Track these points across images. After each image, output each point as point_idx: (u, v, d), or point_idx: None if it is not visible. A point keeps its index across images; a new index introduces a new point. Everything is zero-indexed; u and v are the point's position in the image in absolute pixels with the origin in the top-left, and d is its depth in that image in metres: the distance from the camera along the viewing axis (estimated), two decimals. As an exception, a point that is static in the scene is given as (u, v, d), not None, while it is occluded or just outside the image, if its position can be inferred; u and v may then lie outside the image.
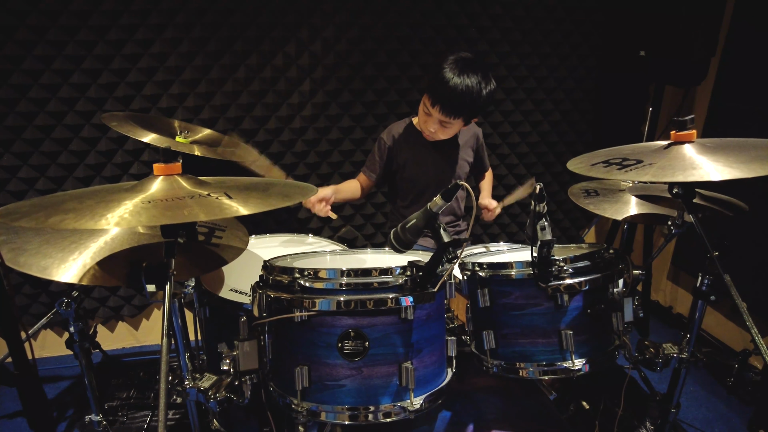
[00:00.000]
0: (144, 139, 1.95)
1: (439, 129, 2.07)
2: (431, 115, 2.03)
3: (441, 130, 2.08)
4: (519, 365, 1.43)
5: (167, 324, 1.08)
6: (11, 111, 2.28)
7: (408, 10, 2.57)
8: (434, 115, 2.02)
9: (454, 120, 2.02)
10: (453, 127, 2.09)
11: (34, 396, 1.83)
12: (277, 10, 2.43)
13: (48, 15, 2.20)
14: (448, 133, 2.12)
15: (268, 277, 1.37)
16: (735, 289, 1.25)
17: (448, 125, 2.06)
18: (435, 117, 2.02)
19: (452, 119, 2.01)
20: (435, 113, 2.01)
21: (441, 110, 1.98)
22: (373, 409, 1.26)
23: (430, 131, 2.10)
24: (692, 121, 1.41)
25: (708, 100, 2.70)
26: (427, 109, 2.04)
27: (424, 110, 2.07)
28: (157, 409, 1.34)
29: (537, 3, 2.71)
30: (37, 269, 1.31)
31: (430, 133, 2.11)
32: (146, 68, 2.38)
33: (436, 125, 2.06)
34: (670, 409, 1.63)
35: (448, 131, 2.11)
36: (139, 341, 2.87)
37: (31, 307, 2.57)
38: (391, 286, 1.27)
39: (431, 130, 2.09)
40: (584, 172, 1.43)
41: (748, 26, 2.48)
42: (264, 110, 2.58)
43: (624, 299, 1.51)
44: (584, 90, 2.96)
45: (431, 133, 2.11)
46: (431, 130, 2.09)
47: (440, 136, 2.13)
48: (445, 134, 2.12)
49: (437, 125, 2.06)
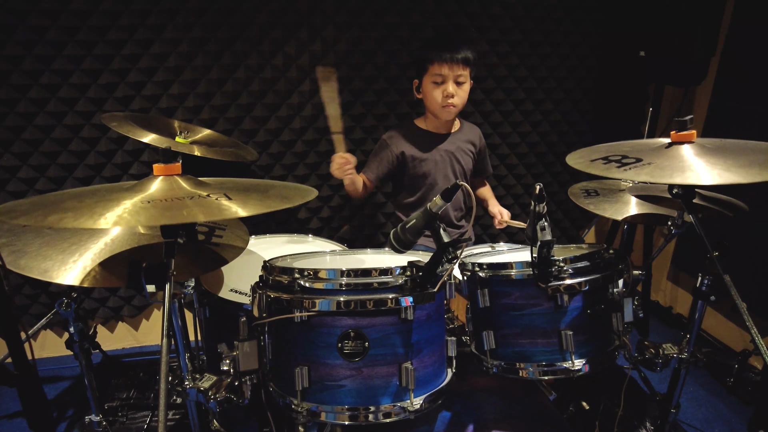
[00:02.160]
0: (144, 140, 1.95)
1: (456, 90, 2.13)
2: (444, 78, 2.11)
3: (457, 90, 2.13)
4: (519, 365, 1.43)
5: (167, 324, 1.08)
6: (11, 111, 2.28)
7: (408, 10, 2.57)
8: (448, 74, 2.10)
9: (464, 69, 2.11)
10: (466, 85, 2.16)
11: (34, 396, 1.83)
12: (277, 10, 2.43)
13: (48, 15, 2.20)
14: (464, 92, 2.17)
15: (268, 277, 1.37)
16: (735, 290, 1.25)
17: (462, 79, 2.13)
18: (450, 75, 2.10)
19: (463, 68, 2.10)
20: (448, 71, 2.09)
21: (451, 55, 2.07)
22: (373, 409, 1.26)
23: (449, 99, 2.13)
24: (692, 121, 1.41)
25: (708, 100, 2.70)
26: (439, 77, 2.11)
27: (435, 81, 2.13)
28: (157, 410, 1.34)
29: (537, 3, 2.71)
30: (37, 272, 1.31)
31: (451, 102, 2.14)
32: (146, 68, 2.38)
33: (452, 85, 2.12)
34: (670, 409, 1.63)
35: (463, 89, 2.16)
36: (139, 341, 2.87)
37: (31, 308, 2.57)
38: (391, 287, 1.27)
39: (450, 94, 2.12)
40: (583, 167, 1.43)
41: (748, 26, 2.48)
42: (264, 110, 2.57)
43: (624, 299, 1.51)
44: (584, 90, 2.96)
45: (451, 103, 2.14)
46: (450, 94, 2.12)
47: (457, 102, 2.16)
48: (460, 95, 2.16)
49: (453, 85, 2.12)
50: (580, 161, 1.46)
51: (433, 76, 2.13)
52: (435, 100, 2.16)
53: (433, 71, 2.12)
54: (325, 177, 2.76)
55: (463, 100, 2.18)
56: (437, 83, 2.13)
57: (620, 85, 2.96)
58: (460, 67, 2.10)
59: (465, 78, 2.14)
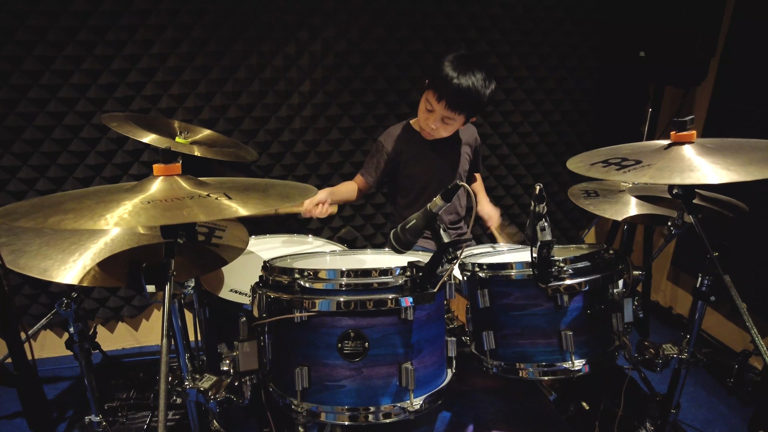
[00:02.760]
0: (144, 140, 1.95)
1: (440, 126, 2.08)
2: (434, 111, 2.04)
3: (442, 126, 2.09)
4: (519, 366, 1.43)
5: (167, 325, 1.08)
6: (11, 111, 2.28)
7: (408, 10, 2.58)
8: (438, 111, 2.02)
9: (458, 116, 2.03)
10: (454, 124, 2.09)
11: (34, 396, 1.83)
12: (277, 10, 2.43)
13: (48, 15, 2.20)
14: (449, 130, 2.13)
15: (268, 277, 1.37)
16: (735, 290, 1.25)
17: (450, 121, 2.06)
18: (438, 113, 2.03)
19: (456, 114, 2.02)
20: (439, 109, 2.01)
21: (447, 105, 1.99)
22: (373, 409, 1.26)
23: (431, 128, 2.10)
24: (692, 122, 1.41)
25: (708, 100, 2.70)
26: (430, 106, 2.04)
27: (426, 107, 2.07)
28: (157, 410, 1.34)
29: (537, 3, 2.71)
30: (37, 271, 1.31)
31: (431, 131, 2.11)
32: (146, 69, 2.38)
33: (438, 122, 2.06)
34: (670, 409, 1.63)
35: (448, 128, 2.11)
36: (139, 342, 2.87)
37: (31, 308, 2.57)
38: (391, 287, 1.27)
39: (432, 127, 2.08)
40: (583, 171, 1.43)
41: (748, 26, 2.48)
42: (264, 111, 2.58)
43: (624, 300, 1.51)
44: (584, 90, 2.96)
45: (432, 131, 2.11)
46: (432, 127, 2.08)
47: (441, 134, 2.13)
48: (446, 131, 2.13)
49: (439, 122, 2.06)
50: (580, 165, 1.46)
51: (426, 101, 2.07)
52: (421, 117, 2.13)
53: (428, 96, 2.04)
54: (325, 177, 2.76)
55: (446, 134, 2.14)
56: (428, 110, 2.07)
57: (620, 85, 2.96)
58: (454, 113, 2.01)
59: (453, 121, 2.06)
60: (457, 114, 2.02)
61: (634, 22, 2.60)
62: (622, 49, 2.70)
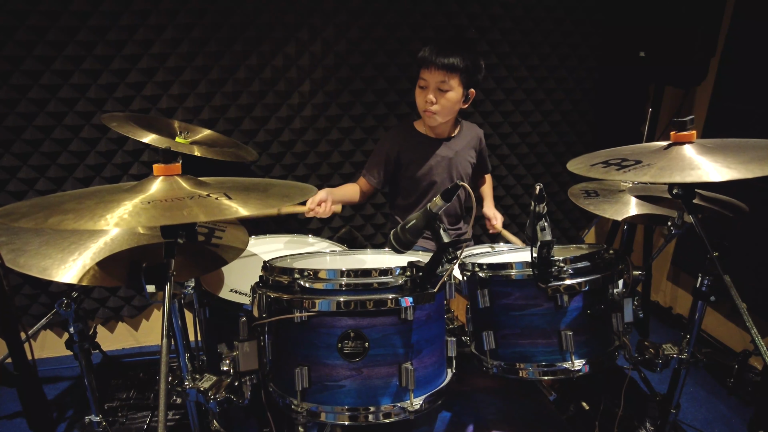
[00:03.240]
0: (144, 140, 1.96)
1: (438, 97, 2.04)
2: (427, 83, 2.04)
3: (440, 98, 2.04)
4: (519, 366, 1.43)
5: (167, 325, 1.08)
6: (11, 111, 2.28)
7: (408, 10, 2.58)
8: (429, 79, 2.03)
9: (451, 79, 2.01)
10: (451, 94, 2.04)
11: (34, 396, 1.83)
12: (277, 10, 2.43)
13: (48, 15, 2.20)
14: (447, 105, 2.06)
15: (268, 277, 1.37)
16: (735, 290, 1.25)
17: (445, 88, 2.02)
18: (432, 82, 2.03)
19: (448, 75, 2.00)
20: (430, 77, 2.02)
21: (436, 64, 1.99)
22: (373, 409, 1.26)
23: (430, 102, 2.05)
24: (692, 122, 1.41)
25: (708, 100, 2.70)
26: (423, 82, 2.06)
27: (419, 85, 2.09)
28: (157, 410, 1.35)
29: (537, 3, 2.71)
30: (37, 270, 1.31)
31: (430, 108, 2.07)
32: (146, 69, 2.38)
33: (434, 93, 2.04)
34: (670, 409, 1.63)
35: (446, 102, 2.05)
36: (139, 342, 2.87)
37: (31, 308, 2.57)
38: (391, 287, 1.27)
39: (432, 100, 2.04)
40: (584, 172, 1.44)
41: (748, 26, 2.48)
42: (264, 111, 2.58)
43: (624, 300, 1.51)
44: (584, 90, 2.96)
45: (431, 108, 2.06)
46: (432, 100, 2.04)
47: (439, 110, 2.07)
48: (443, 104, 2.06)
49: (435, 93, 2.03)
50: (581, 167, 1.46)
51: (420, 80, 2.09)
52: (419, 104, 2.13)
53: (420, 75, 2.08)
54: (325, 177, 2.76)
55: (445, 108, 2.08)
56: (422, 87, 2.08)
57: (620, 85, 2.96)
58: (444, 73, 2.00)
59: (449, 86, 2.03)
60: (448, 73, 2.00)
61: (634, 22, 2.60)
62: (622, 49, 2.70)
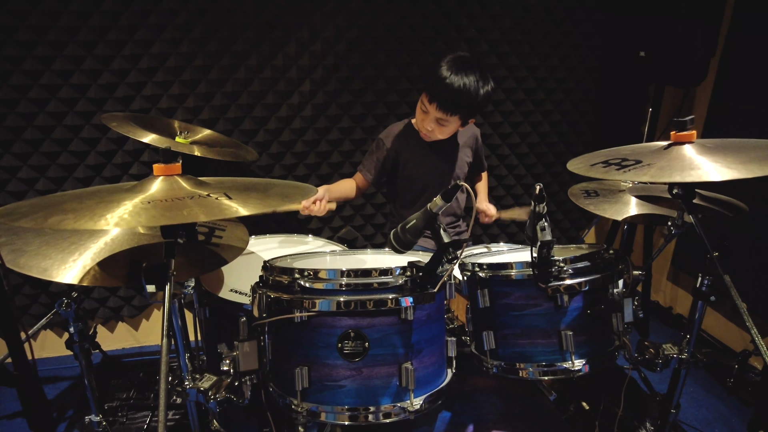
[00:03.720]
0: (144, 140, 1.96)
1: (436, 127, 2.07)
2: (428, 113, 2.03)
3: (438, 128, 2.07)
4: (519, 366, 1.43)
5: (167, 324, 1.08)
6: (11, 111, 2.28)
7: (408, 10, 2.58)
8: (431, 112, 2.01)
9: (451, 117, 2.01)
10: (450, 127, 2.07)
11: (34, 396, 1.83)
12: (277, 10, 2.43)
13: (48, 15, 2.20)
14: (445, 132, 2.11)
15: (268, 277, 1.37)
16: (735, 290, 1.25)
17: (444, 123, 2.04)
18: (432, 115, 2.02)
19: (449, 116, 2.00)
20: (432, 110, 2.00)
21: (438, 107, 1.98)
22: (373, 409, 1.26)
23: (427, 130, 2.09)
24: (692, 122, 1.41)
25: (708, 100, 2.70)
26: (424, 107, 2.04)
27: (421, 108, 2.06)
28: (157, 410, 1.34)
29: (537, 3, 2.71)
30: (37, 270, 1.31)
31: (427, 132, 2.10)
32: (146, 69, 2.38)
33: (433, 124, 2.05)
34: (670, 409, 1.63)
35: (444, 130, 2.09)
36: (139, 342, 2.87)
37: (31, 308, 2.57)
38: (391, 287, 1.27)
39: (428, 129, 2.08)
40: (584, 172, 1.44)
41: (748, 26, 2.48)
42: (264, 111, 2.58)
43: (624, 300, 1.51)
44: (584, 90, 2.96)
45: (428, 132, 2.10)
46: (428, 129, 2.08)
47: (437, 136, 2.12)
48: (442, 133, 2.11)
49: (434, 123, 2.05)
50: (581, 167, 1.46)
51: (421, 103, 2.06)
52: (417, 119, 2.13)
53: (422, 97, 2.03)
54: (325, 177, 2.76)
55: (443, 136, 2.11)
56: (423, 111, 2.06)
57: (620, 85, 2.96)
58: (446, 114, 1.99)
59: (448, 123, 2.03)
60: (450, 115, 2.00)
61: (634, 21, 2.60)
62: (622, 49, 2.70)
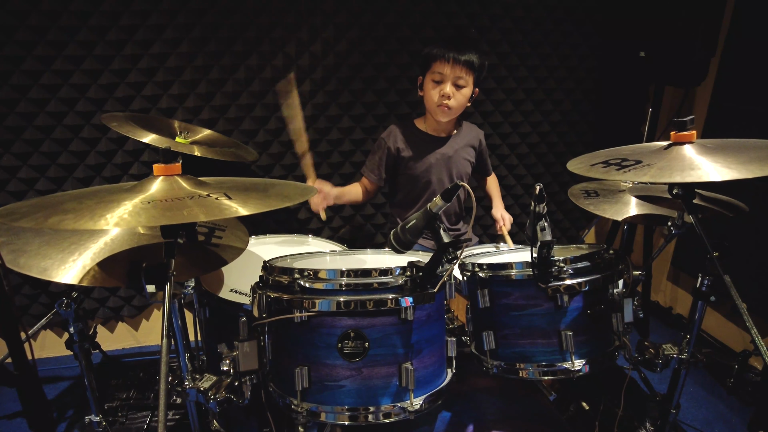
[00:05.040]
0: (144, 140, 1.95)
1: (454, 92, 2.09)
2: (444, 77, 2.08)
3: (456, 93, 2.10)
4: (519, 366, 1.43)
5: (167, 324, 1.08)
6: (11, 111, 2.28)
7: (408, 10, 2.58)
8: (448, 74, 2.07)
9: (467, 74, 2.08)
10: (465, 90, 2.11)
11: (34, 396, 1.83)
12: (277, 10, 2.43)
13: (48, 15, 2.20)
14: (461, 99, 2.12)
15: (268, 277, 1.37)
16: (735, 290, 1.25)
17: (462, 83, 2.09)
18: (450, 76, 2.07)
19: (466, 72, 2.07)
20: (447, 70, 2.06)
21: (454, 60, 2.05)
22: (373, 409, 1.26)
23: (447, 96, 2.09)
24: (692, 122, 1.41)
25: (708, 100, 2.70)
26: (438, 76, 2.09)
27: (434, 79, 2.11)
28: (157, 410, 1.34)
29: (537, 3, 2.71)
30: (37, 271, 1.31)
31: (447, 102, 2.11)
32: (146, 69, 2.38)
33: (450, 86, 2.08)
34: (670, 409, 1.63)
35: (461, 95, 2.11)
36: (139, 342, 2.87)
37: (31, 308, 2.57)
38: (391, 287, 1.27)
39: (449, 94, 2.09)
40: (584, 172, 1.43)
41: (748, 26, 2.48)
42: (264, 110, 2.58)
43: (624, 300, 1.51)
44: (584, 90, 2.96)
45: (447, 102, 2.10)
46: (449, 94, 2.09)
47: (455, 104, 2.12)
48: (458, 100, 2.12)
49: (451, 86, 2.08)
50: (581, 167, 1.46)
51: (433, 74, 2.10)
52: (431, 98, 2.13)
53: (434, 69, 2.09)
54: (325, 177, 2.75)
55: (460, 103, 2.13)
56: (436, 82, 2.10)
57: (620, 85, 2.96)
58: (462, 69, 2.06)
59: (465, 82, 2.09)
60: (468, 70, 2.07)
61: (635, 22, 2.60)
62: (622, 49, 2.70)
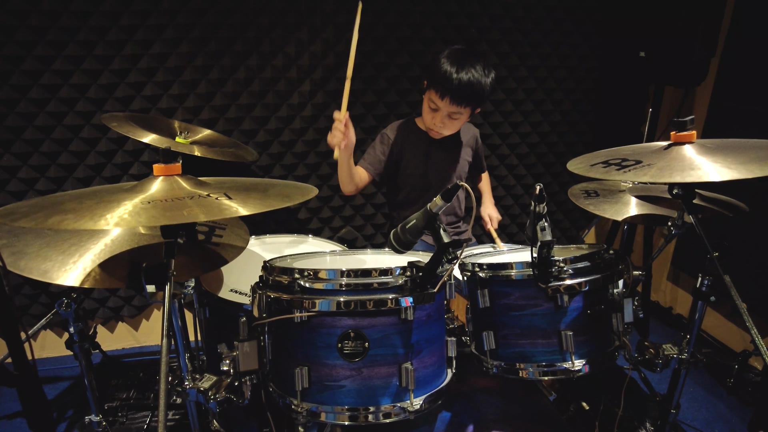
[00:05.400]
0: (144, 140, 1.96)
1: (448, 122, 2.07)
2: (439, 109, 2.03)
3: (449, 122, 2.07)
4: (519, 366, 1.43)
5: (167, 324, 1.08)
6: (11, 111, 2.28)
7: (408, 10, 2.58)
8: (443, 108, 2.01)
9: (464, 109, 2.02)
10: (461, 119, 2.08)
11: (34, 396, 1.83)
12: (277, 10, 2.43)
13: (48, 15, 2.20)
14: (455, 125, 2.11)
15: (268, 277, 1.37)
16: (735, 290, 1.25)
17: (457, 116, 2.05)
18: (444, 110, 2.02)
19: (462, 108, 2.01)
20: (444, 106, 2.00)
21: (452, 101, 1.98)
22: (373, 409, 1.26)
23: (438, 126, 2.08)
24: (692, 122, 1.41)
25: (708, 100, 2.70)
26: (434, 105, 2.03)
27: (430, 106, 2.06)
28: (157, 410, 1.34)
29: (537, 3, 2.71)
30: (37, 273, 1.31)
31: (438, 129, 2.10)
32: (146, 69, 2.38)
33: (445, 119, 2.05)
34: (670, 409, 1.63)
35: (455, 124, 2.10)
36: (139, 342, 2.87)
37: (31, 308, 2.57)
38: (391, 287, 1.27)
39: (440, 125, 2.07)
40: (584, 172, 1.44)
41: (748, 26, 2.48)
42: (264, 111, 2.58)
43: (624, 300, 1.50)
44: (584, 90, 2.96)
45: (439, 128, 2.10)
46: (440, 125, 2.07)
47: (447, 131, 2.12)
48: (452, 127, 2.11)
49: (446, 119, 2.05)
50: (581, 167, 1.47)
51: (430, 100, 2.04)
52: (426, 117, 2.12)
53: (431, 96, 2.02)
54: (325, 177, 2.76)
55: (453, 130, 2.13)
56: (432, 109, 2.06)
57: (620, 85, 2.96)
58: (458, 107, 2.00)
59: (460, 116, 2.05)
60: (463, 107, 2.01)
61: (635, 22, 2.60)
62: (622, 49, 2.70)
